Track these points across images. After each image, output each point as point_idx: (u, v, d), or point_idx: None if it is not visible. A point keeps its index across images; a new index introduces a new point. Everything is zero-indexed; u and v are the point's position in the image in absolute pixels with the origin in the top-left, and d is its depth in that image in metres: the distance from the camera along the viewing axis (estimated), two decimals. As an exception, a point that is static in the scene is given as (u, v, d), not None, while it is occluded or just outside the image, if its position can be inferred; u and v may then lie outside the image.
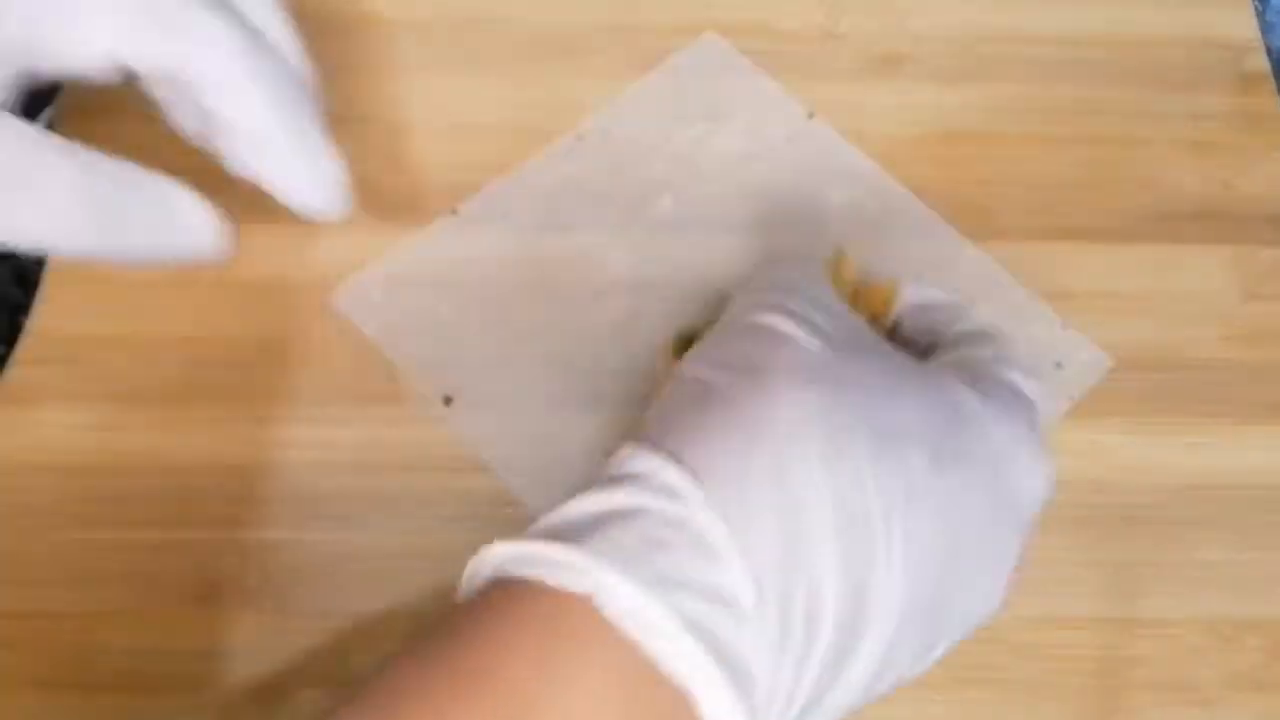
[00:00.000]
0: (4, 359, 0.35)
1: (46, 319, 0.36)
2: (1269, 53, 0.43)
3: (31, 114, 0.30)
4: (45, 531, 0.33)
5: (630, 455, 0.25)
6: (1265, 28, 0.44)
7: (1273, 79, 0.42)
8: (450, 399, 0.35)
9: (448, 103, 0.41)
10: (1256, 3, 0.44)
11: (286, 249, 0.37)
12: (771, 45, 0.42)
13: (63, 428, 0.34)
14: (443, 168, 0.35)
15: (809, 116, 0.41)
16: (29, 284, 0.37)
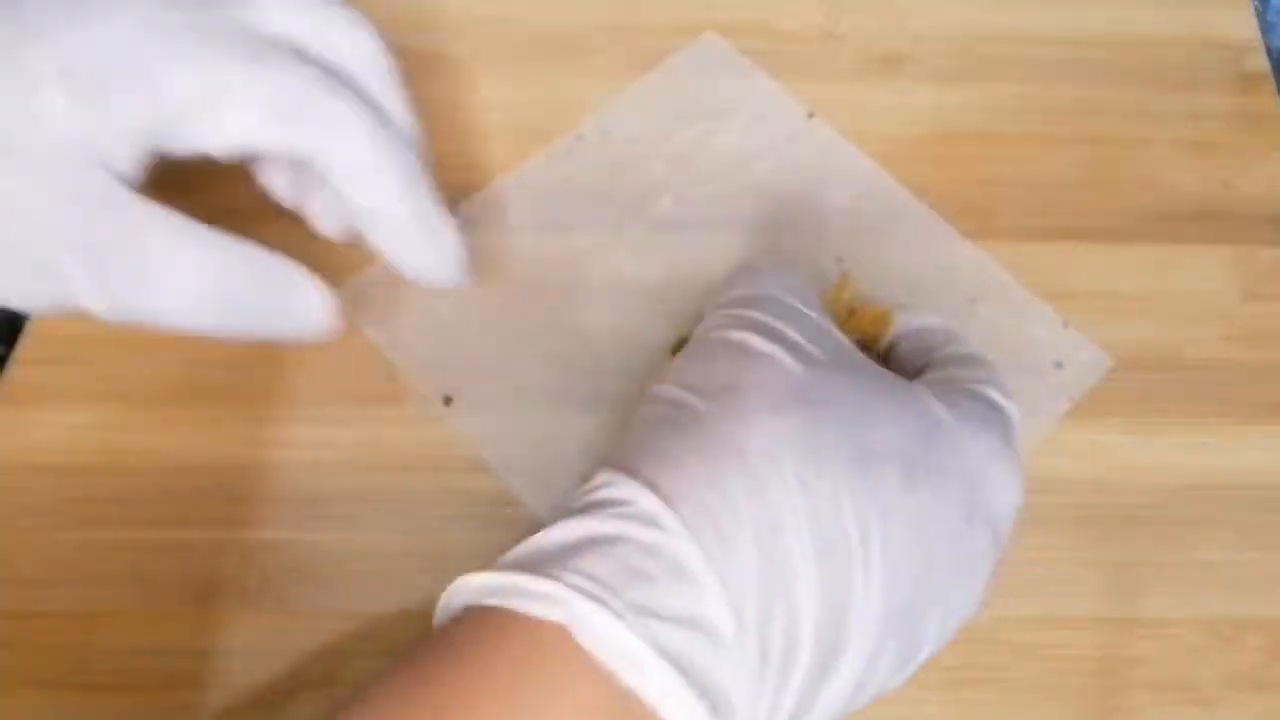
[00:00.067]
0: (4, 359, 0.35)
1: (46, 319, 0.36)
2: (1269, 53, 0.43)
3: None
4: (45, 531, 0.33)
5: (606, 482, 0.25)
6: (1265, 28, 0.44)
7: (1273, 79, 0.42)
8: (450, 399, 0.35)
9: (447, 103, 0.41)
10: (1256, 3, 0.44)
11: (286, 250, 0.37)
12: (771, 45, 0.42)
13: (63, 428, 0.34)
14: (443, 168, 0.35)
15: (809, 116, 0.41)
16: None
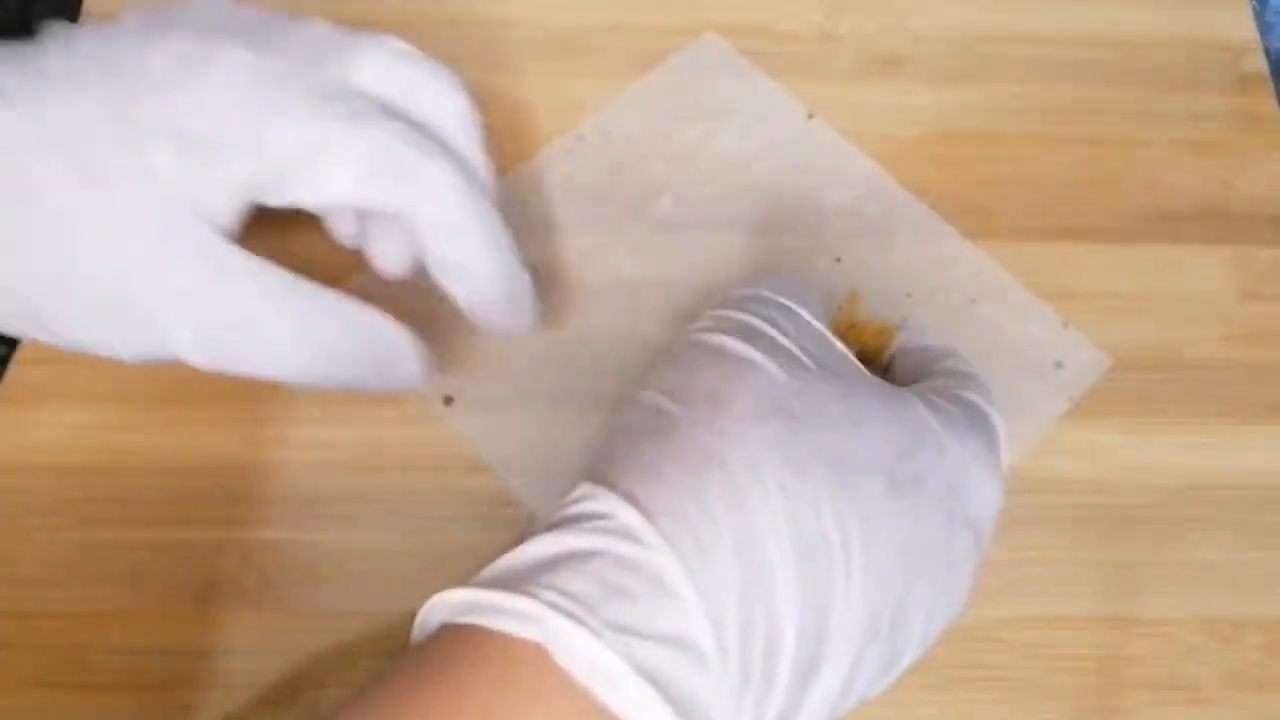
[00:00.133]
0: (4, 359, 0.35)
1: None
2: (1267, 53, 0.43)
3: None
4: (45, 531, 0.33)
5: (585, 495, 0.25)
6: (1264, 28, 0.44)
7: (1271, 80, 0.42)
8: (450, 399, 0.35)
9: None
10: (1255, 3, 0.44)
11: (287, 249, 0.37)
12: (771, 46, 0.42)
13: (63, 428, 0.34)
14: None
15: (809, 117, 0.41)
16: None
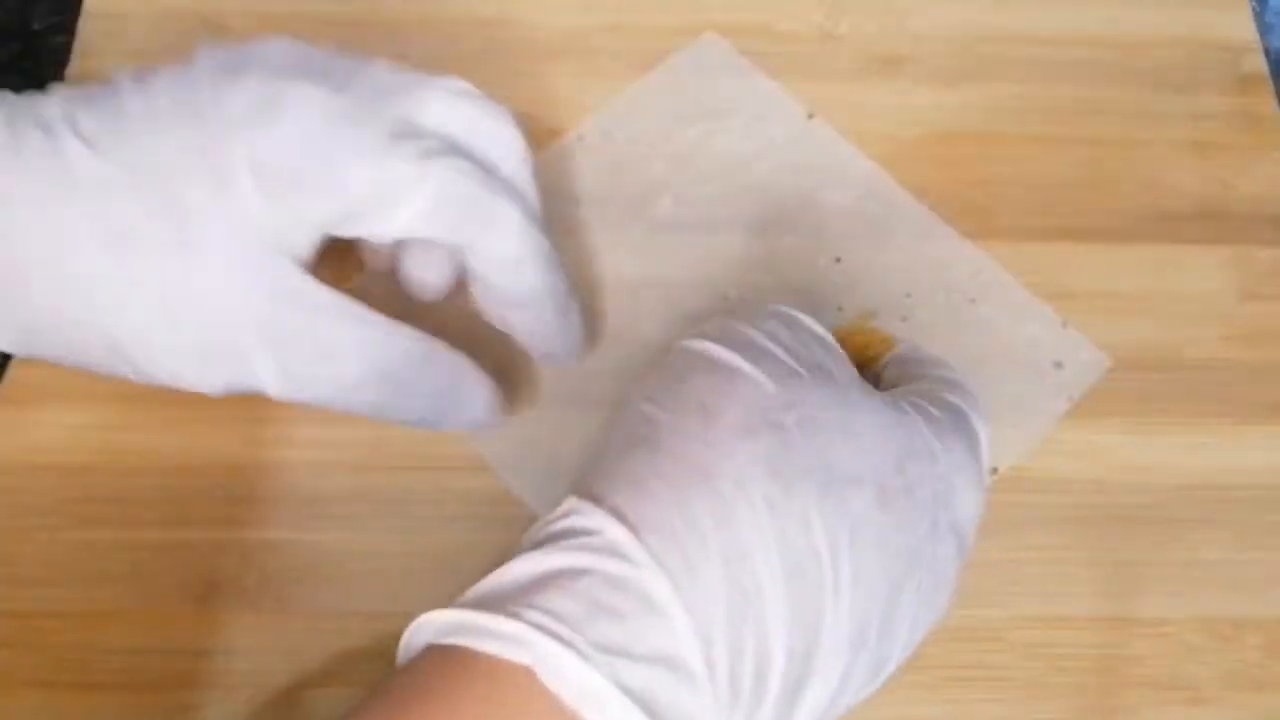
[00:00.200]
0: (4, 359, 0.35)
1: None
2: (1267, 54, 0.43)
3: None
4: (45, 531, 0.33)
5: (572, 510, 0.24)
6: (1264, 29, 0.44)
7: (1271, 80, 0.42)
8: (450, 399, 0.35)
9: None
10: (1255, 3, 0.44)
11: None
12: (771, 46, 0.42)
13: (63, 428, 0.34)
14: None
15: (809, 117, 0.41)
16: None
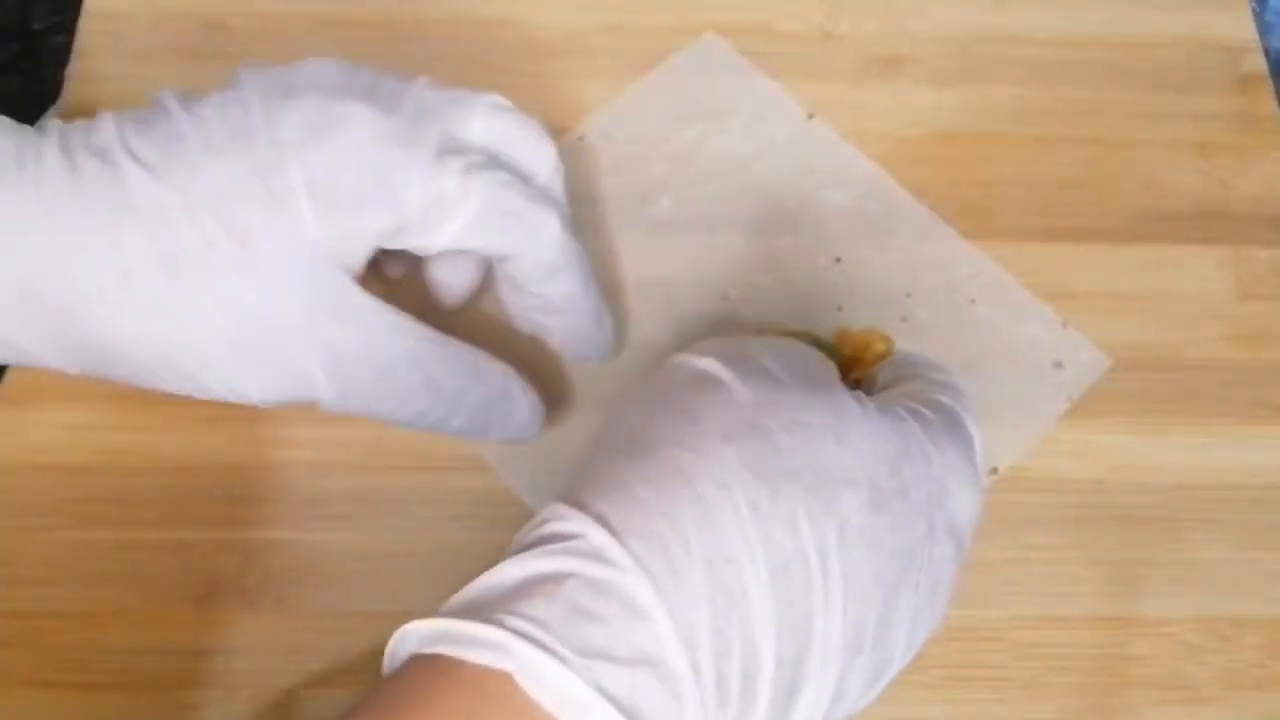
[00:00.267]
0: (4, 359, 0.35)
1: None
2: (1267, 54, 0.43)
3: (33, 117, 0.31)
4: (45, 531, 0.33)
5: (555, 515, 0.25)
6: (1263, 29, 0.44)
7: (1270, 80, 0.42)
8: (450, 399, 0.35)
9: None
10: (1255, 3, 0.44)
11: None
12: (771, 46, 0.42)
13: (63, 428, 0.34)
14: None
15: (809, 117, 0.41)
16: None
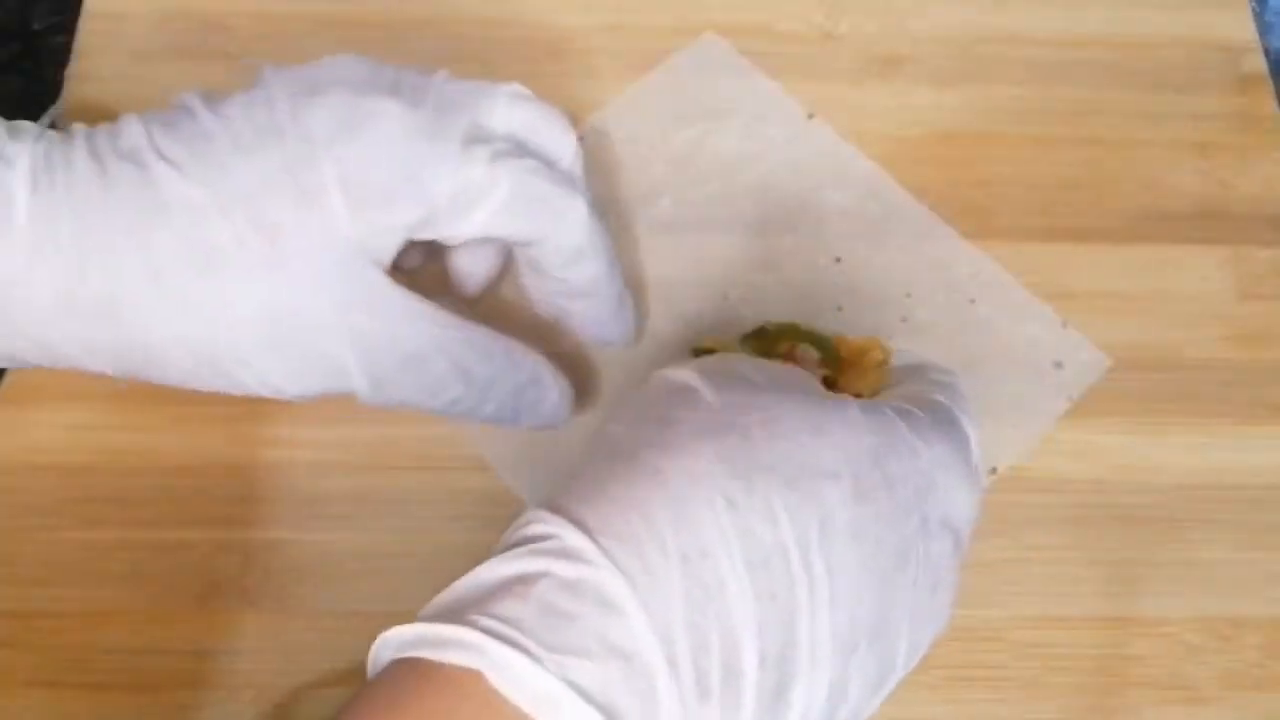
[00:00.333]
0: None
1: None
2: (1267, 54, 0.43)
3: (33, 117, 0.31)
4: (46, 531, 0.33)
5: (532, 519, 0.25)
6: (1263, 29, 0.44)
7: (1270, 80, 0.42)
8: (450, 399, 0.35)
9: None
10: (1255, 3, 0.44)
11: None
12: (771, 46, 0.42)
13: (63, 428, 0.35)
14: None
15: (809, 117, 0.41)
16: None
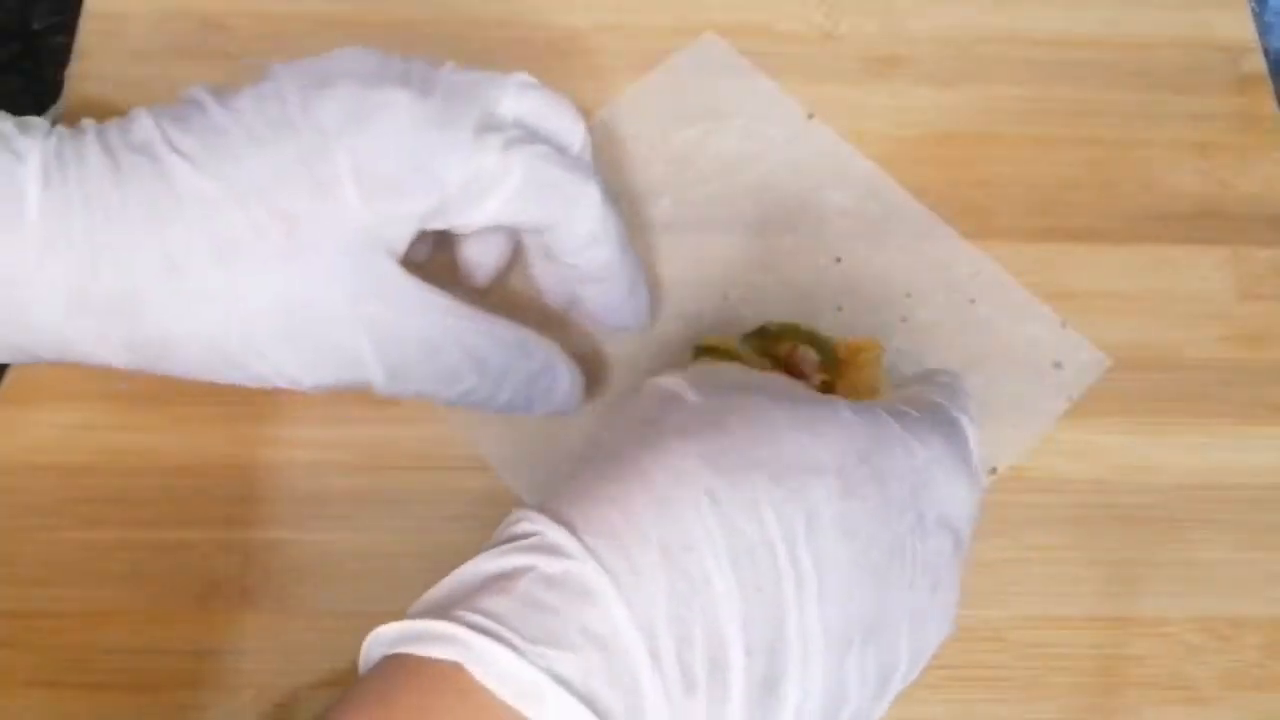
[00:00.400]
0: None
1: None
2: (1267, 54, 0.43)
3: (34, 115, 0.31)
4: (46, 531, 0.33)
5: (519, 519, 0.25)
6: (1263, 29, 0.44)
7: (1270, 80, 0.42)
8: (450, 399, 0.36)
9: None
10: (1254, 4, 0.44)
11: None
12: (771, 46, 0.42)
13: (63, 428, 0.34)
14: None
15: (808, 117, 0.41)
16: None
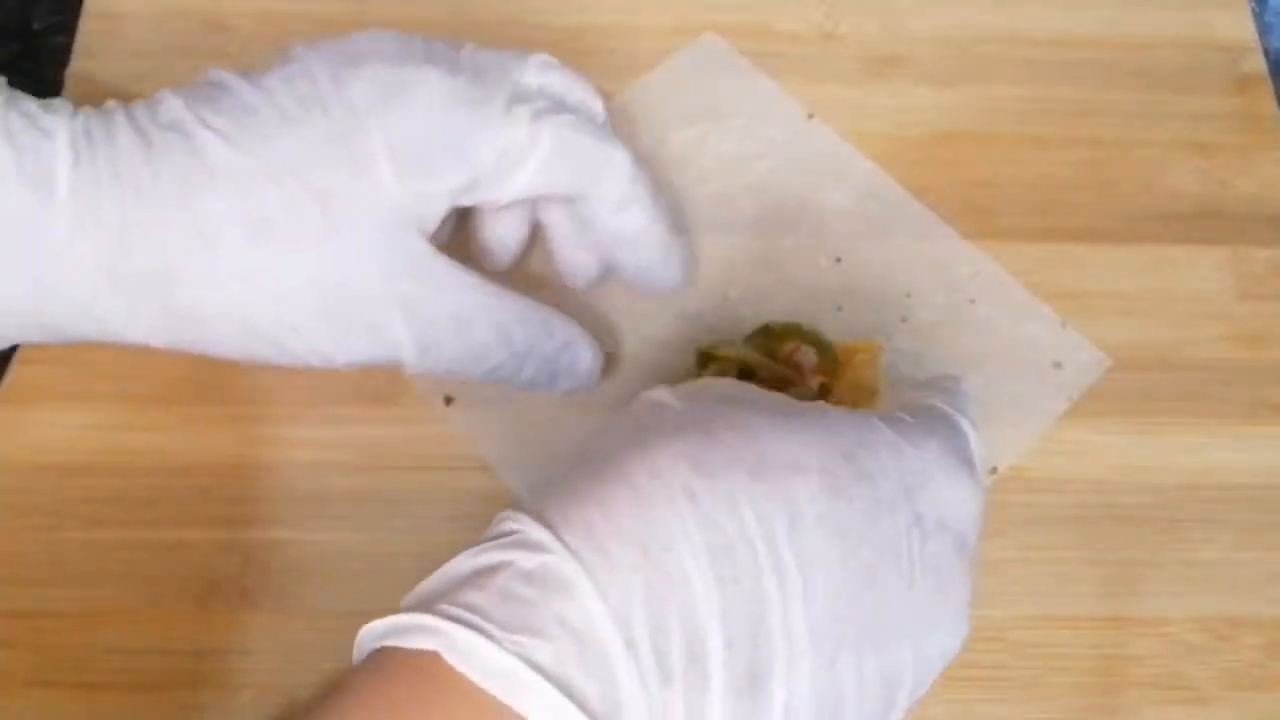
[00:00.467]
0: (4, 359, 0.35)
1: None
2: (1266, 54, 0.43)
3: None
4: (46, 531, 0.33)
5: (502, 518, 0.25)
6: (1263, 29, 0.44)
7: (1270, 80, 0.43)
8: (450, 399, 0.35)
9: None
10: (1254, 4, 0.44)
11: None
12: (771, 46, 0.42)
13: (63, 428, 0.35)
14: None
15: (808, 117, 0.41)
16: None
